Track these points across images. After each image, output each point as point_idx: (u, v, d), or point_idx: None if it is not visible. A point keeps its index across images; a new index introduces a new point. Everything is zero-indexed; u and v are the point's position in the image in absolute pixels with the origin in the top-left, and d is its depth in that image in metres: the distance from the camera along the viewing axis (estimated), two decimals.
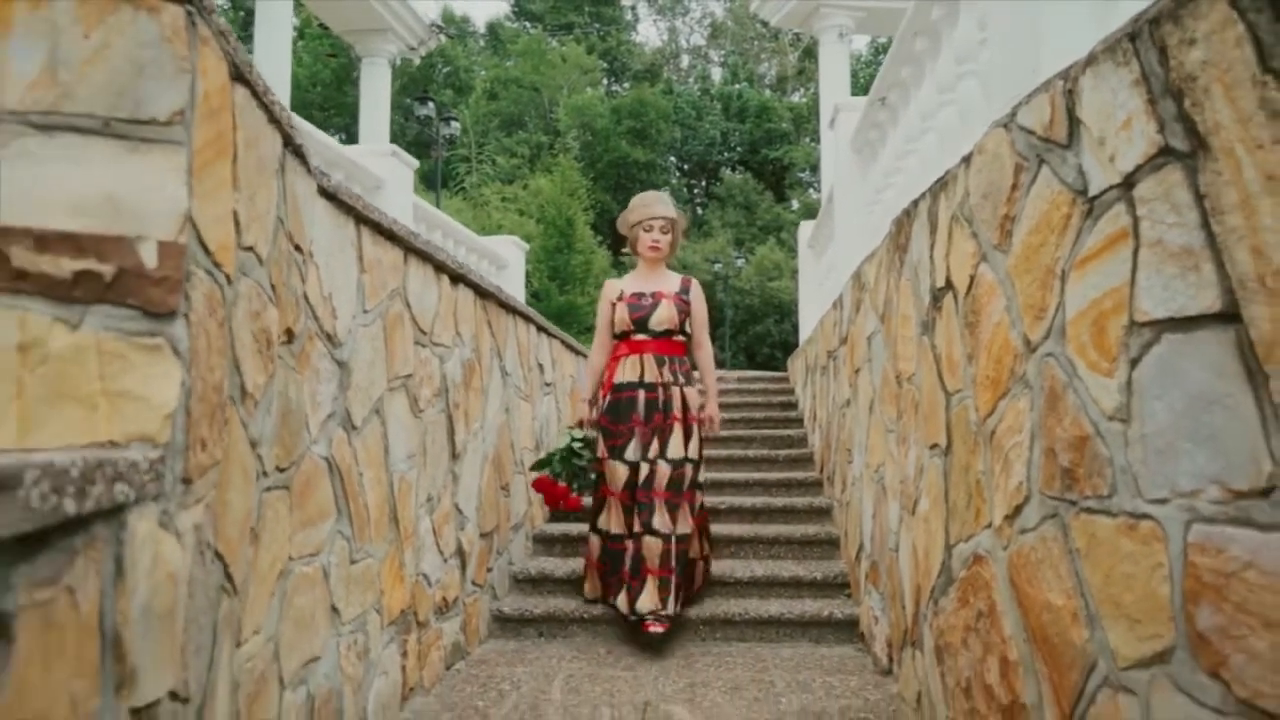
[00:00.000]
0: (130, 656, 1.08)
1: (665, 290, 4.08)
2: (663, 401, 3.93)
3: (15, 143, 1.23)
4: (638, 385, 3.94)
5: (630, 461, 3.88)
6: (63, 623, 0.90)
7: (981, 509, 2.30)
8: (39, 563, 0.84)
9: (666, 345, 4.03)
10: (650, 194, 4.26)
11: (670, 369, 3.99)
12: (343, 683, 2.41)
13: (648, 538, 3.78)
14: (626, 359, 4.01)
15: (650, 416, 3.91)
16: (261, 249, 1.77)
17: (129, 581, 1.08)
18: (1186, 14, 1.48)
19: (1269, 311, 1.31)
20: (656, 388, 3.94)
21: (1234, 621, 1.38)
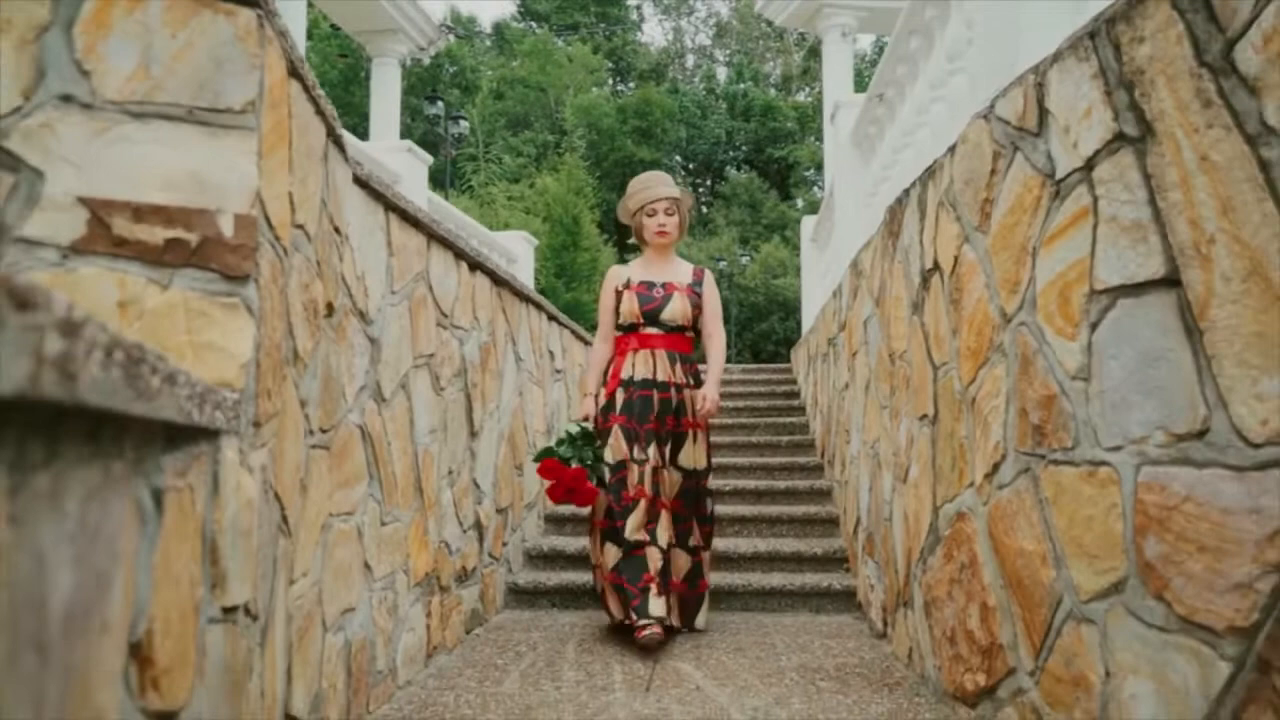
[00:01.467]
0: (222, 561, 1.28)
1: (677, 282, 3.76)
2: (676, 404, 3.63)
3: (115, 128, 1.43)
4: (651, 384, 3.62)
5: (639, 461, 3.56)
6: (186, 513, 1.09)
7: (964, 470, 2.49)
8: (176, 457, 1.03)
9: (679, 342, 3.71)
10: (648, 175, 3.89)
11: (683, 369, 3.70)
12: (375, 634, 2.61)
13: (677, 550, 3.62)
14: (637, 354, 3.66)
15: (664, 419, 3.61)
16: (310, 228, 1.97)
17: (222, 497, 1.28)
18: (1137, 14, 1.67)
19: (1203, 275, 1.51)
20: (670, 388, 3.63)
21: (1175, 549, 1.57)
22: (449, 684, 2.86)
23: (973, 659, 2.41)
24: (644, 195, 3.78)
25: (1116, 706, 1.74)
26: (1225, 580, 1.45)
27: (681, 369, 3.69)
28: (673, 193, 3.78)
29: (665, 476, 3.61)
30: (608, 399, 3.68)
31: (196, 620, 1.14)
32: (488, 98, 32.50)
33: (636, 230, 3.86)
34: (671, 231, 3.79)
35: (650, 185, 3.80)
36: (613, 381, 3.71)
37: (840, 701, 2.67)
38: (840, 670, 3.03)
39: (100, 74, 1.43)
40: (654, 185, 3.80)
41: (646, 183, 3.83)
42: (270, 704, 1.70)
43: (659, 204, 3.75)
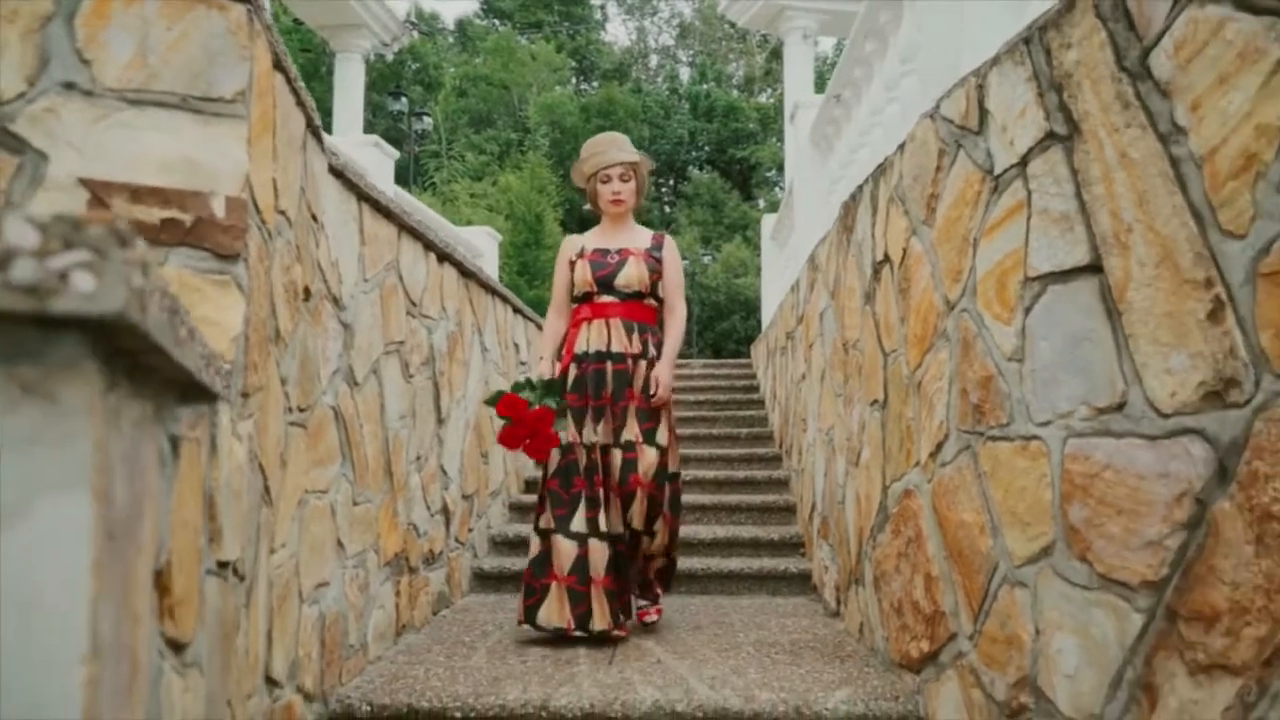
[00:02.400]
0: (218, 517, 1.38)
1: (633, 247, 3.49)
2: (633, 376, 3.36)
3: (114, 114, 1.52)
4: (604, 355, 3.36)
5: (588, 445, 3.33)
6: (193, 464, 1.18)
7: (911, 450, 2.64)
8: (188, 411, 1.13)
9: (636, 310, 3.42)
10: (602, 137, 3.65)
11: (641, 338, 3.40)
12: (347, 609, 2.70)
13: (593, 540, 3.26)
14: (590, 324, 3.42)
15: (620, 393, 3.34)
16: (291, 213, 2.06)
17: (219, 458, 1.38)
18: (1065, 22, 1.82)
19: (1122, 262, 1.65)
20: (625, 359, 3.35)
21: (1096, 514, 1.72)
22: (418, 659, 2.96)
23: (917, 627, 2.55)
24: (597, 160, 3.52)
25: (1045, 661, 1.89)
26: (1139, 539, 1.59)
27: (639, 339, 3.41)
28: (627, 157, 3.53)
29: (620, 456, 3.32)
30: (560, 376, 3.41)
31: (199, 566, 1.24)
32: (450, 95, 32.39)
33: (591, 197, 3.62)
34: (627, 199, 3.54)
35: (603, 149, 3.54)
36: (566, 357, 3.46)
37: (794, 671, 2.80)
38: (794, 645, 3.16)
39: (100, 63, 1.52)
40: (607, 149, 3.54)
41: (599, 146, 3.58)
42: (253, 663, 1.80)
43: (613, 169, 3.51)
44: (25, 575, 0.53)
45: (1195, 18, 1.47)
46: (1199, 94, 1.46)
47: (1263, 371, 1.33)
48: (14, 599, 0.53)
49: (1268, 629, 1.33)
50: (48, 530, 0.54)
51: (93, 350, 0.56)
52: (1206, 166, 1.45)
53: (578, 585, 3.21)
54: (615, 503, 3.34)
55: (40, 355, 0.54)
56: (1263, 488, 1.33)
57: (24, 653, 0.53)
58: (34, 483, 0.54)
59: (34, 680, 0.53)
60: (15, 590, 0.53)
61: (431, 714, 2.50)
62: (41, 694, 0.53)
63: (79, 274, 0.53)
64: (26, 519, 0.53)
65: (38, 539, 0.54)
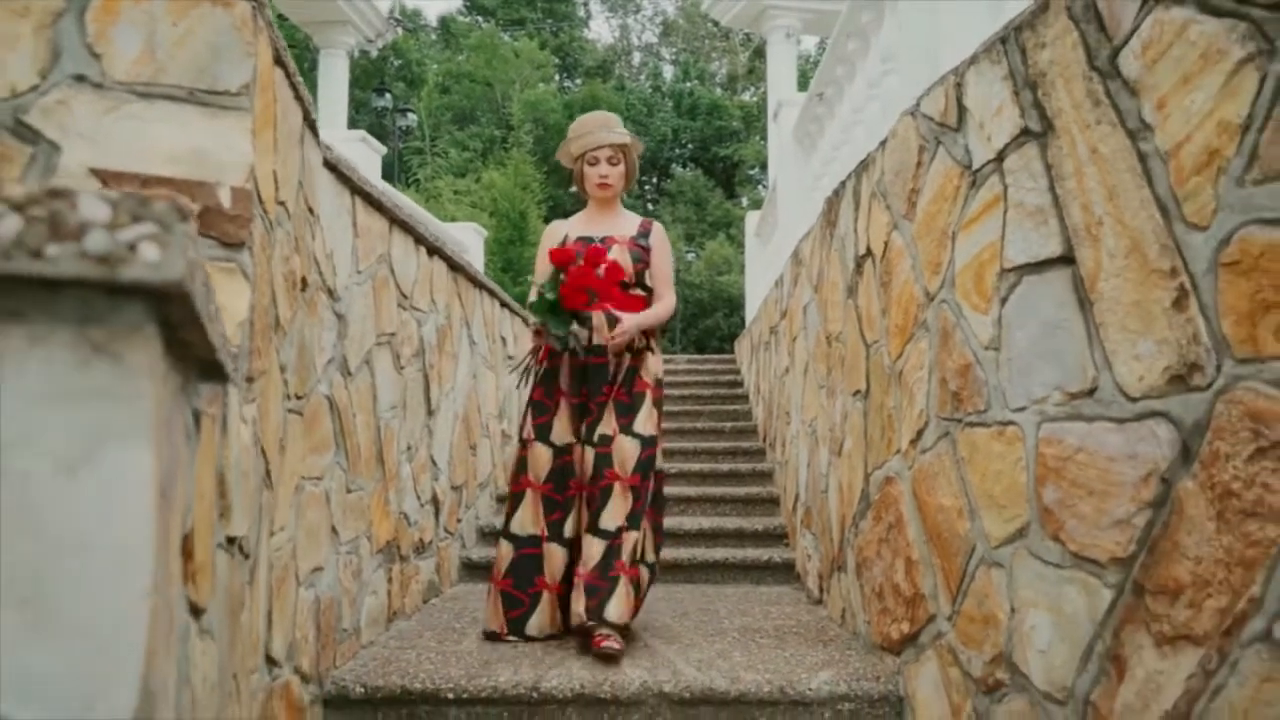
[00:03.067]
0: (228, 494, 1.43)
1: (619, 235, 3.29)
2: (613, 369, 3.18)
3: (124, 107, 1.57)
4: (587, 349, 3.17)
5: (560, 445, 3.17)
6: (210, 440, 1.24)
7: (892, 438, 2.71)
8: (207, 388, 1.19)
9: (621, 300, 3.19)
10: (591, 117, 3.43)
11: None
12: (341, 594, 2.75)
13: (591, 537, 3.05)
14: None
15: (597, 389, 3.16)
16: (290, 205, 2.11)
17: (229, 437, 1.43)
18: (1040, 23, 1.89)
19: (1093, 253, 1.73)
20: (606, 352, 3.17)
21: (1068, 495, 1.79)
22: (410, 644, 3.01)
23: (898, 610, 2.63)
24: (585, 141, 3.31)
25: (1019, 638, 1.96)
26: (1109, 518, 1.67)
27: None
28: (617, 138, 3.32)
29: (601, 450, 3.12)
30: (545, 371, 3.25)
31: (212, 538, 1.29)
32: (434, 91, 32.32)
33: (577, 179, 3.43)
34: (614, 183, 3.33)
35: (591, 130, 3.33)
36: (545, 351, 3.26)
37: (778, 654, 2.87)
38: (778, 630, 3.24)
39: (109, 57, 1.57)
40: (596, 130, 3.33)
41: (588, 126, 3.37)
42: (255, 641, 1.85)
43: (601, 152, 3.31)
44: (95, 514, 0.59)
45: (1161, 19, 1.55)
46: (1164, 92, 1.54)
47: (1223, 356, 1.40)
48: (85, 535, 0.59)
49: (1228, 600, 1.40)
50: (114, 475, 0.60)
51: (153, 315, 0.62)
52: (1172, 162, 1.52)
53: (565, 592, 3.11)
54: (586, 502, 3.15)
55: (108, 318, 0.60)
56: (1223, 466, 1.41)
57: (93, 585, 0.59)
58: (102, 432, 0.59)
59: (103, 610, 0.59)
60: (86, 527, 0.59)
61: (425, 696, 2.55)
62: (110, 622, 0.59)
63: (146, 245, 0.59)
64: (96, 465, 0.59)
65: (106, 483, 0.59)
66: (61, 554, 0.58)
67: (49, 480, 0.58)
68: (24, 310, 0.58)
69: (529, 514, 3.18)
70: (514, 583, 3.13)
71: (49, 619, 0.57)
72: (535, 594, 3.12)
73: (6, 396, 0.57)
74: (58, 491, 0.58)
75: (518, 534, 3.18)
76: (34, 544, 0.57)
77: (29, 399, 0.58)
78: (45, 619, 0.57)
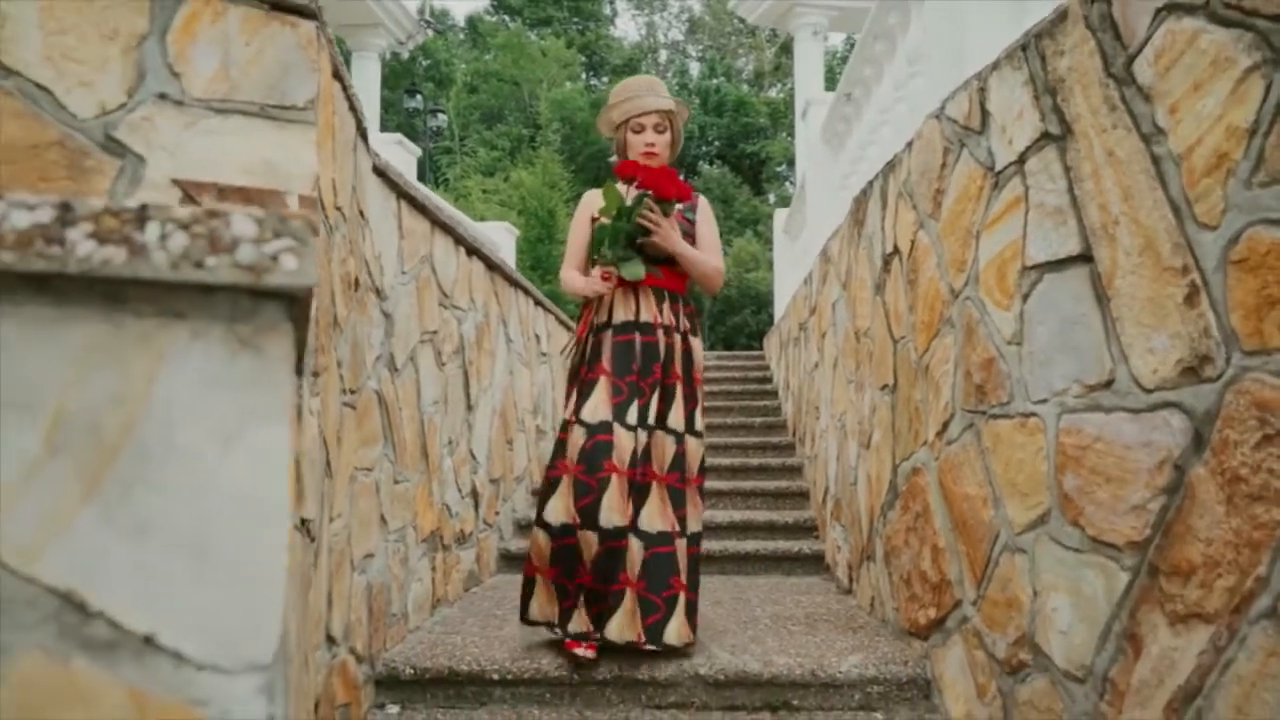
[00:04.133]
0: (302, 479, 1.55)
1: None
2: (664, 349, 2.92)
3: (201, 121, 1.70)
4: (632, 326, 2.91)
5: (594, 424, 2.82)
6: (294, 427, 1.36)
7: (919, 430, 2.80)
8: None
9: (666, 277, 2.97)
10: (636, 81, 3.13)
11: (672, 309, 2.98)
12: (390, 580, 2.88)
13: (631, 538, 2.76)
14: (614, 291, 2.95)
15: (649, 369, 2.88)
16: (345, 210, 2.24)
17: (303, 425, 1.55)
18: (1058, 31, 1.98)
19: (1109, 251, 1.82)
20: (655, 330, 2.91)
21: (1087, 482, 1.88)
22: (454, 629, 3.14)
23: (925, 596, 2.72)
24: (629, 106, 3.03)
25: (1042, 620, 2.05)
26: (1125, 504, 1.76)
27: (671, 308, 2.98)
28: (665, 104, 3.05)
29: (656, 440, 2.88)
30: (578, 347, 3.01)
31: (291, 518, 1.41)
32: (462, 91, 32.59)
33: (619, 148, 3.13)
34: (661, 151, 3.05)
35: (638, 94, 3.05)
36: (582, 326, 3.01)
37: (809, 640, 2.97)
38: (809, 618, 3.34)
39: (188, 75, 1.70)
40: (642, 94, 3.05)
41: (634, 90, 3.08)
42: (318, 619, 1.98)
43: (647, 118, 3.02)
44: (245, 481, 0.71)
45: (1173, 29, 1.63)
46: (1177, 98, 1.63)
47: (1232, 349, 1.49)
48: (237, 498, 0.70)
49: (1236, 580, 1.49)
50: (259, 448, 0.71)
51: (287, 315, 0.73)
52: (1183, 164, 1.61)
53: (599, 585, 2.75)
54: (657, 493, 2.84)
55: (252, 317, 0.71)
56: (1232, 453, 1.50)
57: (244, 540, 0.71)
58: (249, 413, 0.71)
59: (252, 560, 0.71)
60: (238, 491, 0.70)
61: (471, 677, 2.68)
62: (257, 572, 0.71)
63: (285, 256, 0.70)
64: (245, 439, 0.71)
65: (252, 455, 0.71)
66: (219, 513, 0.69)
67: (208, 452, 0.69)
68: (186, 311, 0.70)
69: (562, 501, 2.80)
70: (561, 571, 2.81)
71: (210, 567, 0.69)
72: (579, 587, 2.79)
73: (175, 382, 0.69)
74: (215, 461, 0.70)
75: (550, 523, 2.80)
76: (198, 504, 0.69)
77: (191, 384, 0.69)
78: (207, 567, 0.69)
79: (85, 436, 0.68)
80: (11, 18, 1.58)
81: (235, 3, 1.70)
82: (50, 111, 1.60)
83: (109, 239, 0.67)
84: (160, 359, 0.69)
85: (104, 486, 0.68)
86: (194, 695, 0.68)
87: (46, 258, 0.65)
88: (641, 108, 3.01)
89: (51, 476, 0.67)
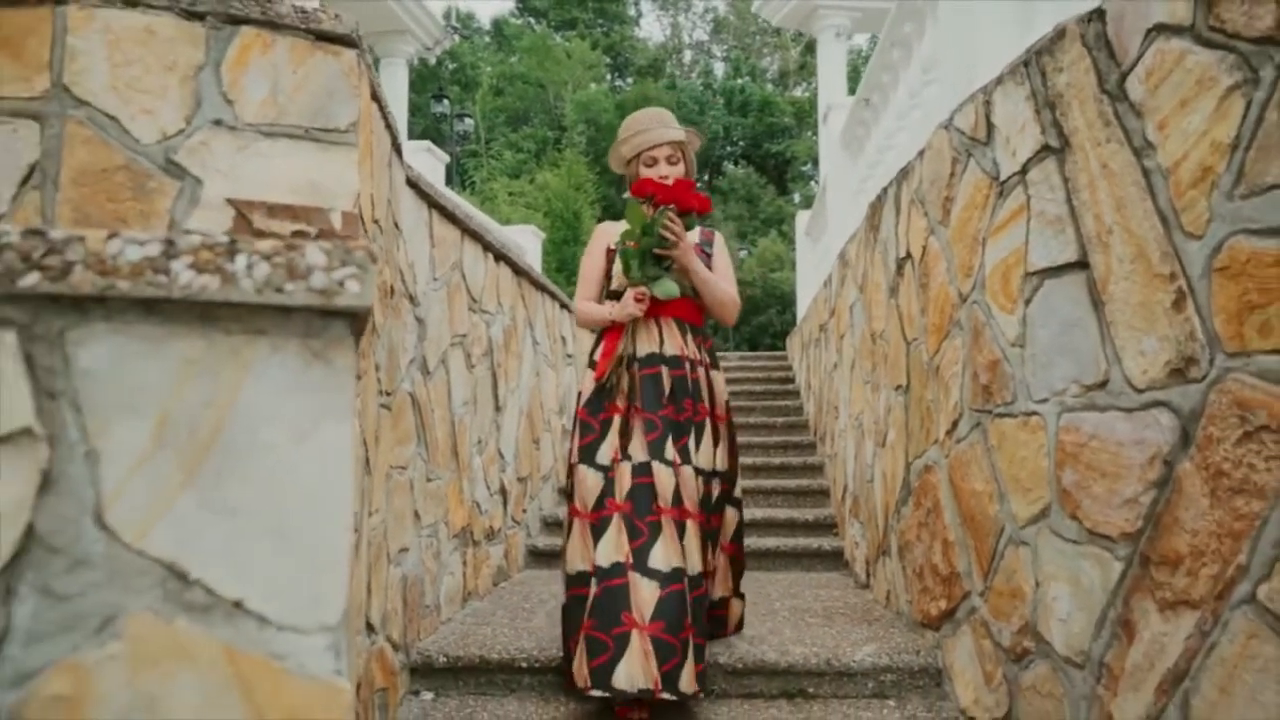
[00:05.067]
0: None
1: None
2: (692, 384, 2.83)
3: (252, 145, 1.83)
4: (658, 359, 2.82)
5: (640, 463, 2.69)
6: None
7: (930, 429, 2.90)
8: None
9: (687, 310, 2.92)
10: (646, 114, 3.06)
11: (695, 342, 2.92)
12: (424, 573, 3.02)
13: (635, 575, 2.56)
14: (638, 323, 2.86)
15: (680, 402, 2.78)
16: (382, 222, 2.37)
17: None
18: (1057, 49, 2.08)
19: (1104, 259, 1.92)
20: (683, 363, 2.83)
21: (1084, 477, 1.98)
22: (484, 621, 3.28)
23: (936, 588, 2.82)
24: (640, 140, 2.97)
25: (1043, 608, 2.15)
26: (1119, 498, 1.86)
27: (694, 341, 2.92)
28: (675, 135, 2.98)
29: (685, 475, 2.71)
30: (597, 381, 2.85)
31: None
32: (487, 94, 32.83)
33: (631, 181, 3.04)
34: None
35: (648, 127, 2.99)
36: (604, 361, 2.87)
37: (825, 631, 3.08)
38: (826, 610, 3.44)
39: (240, 102, 1.83)
40: (652, 128, 2.99)
41: (643, 124, 3.02)
42: (359, 607, 2.11)
43: (659, 150, 2.96)
44: (317, 472, 0.83)
45: (1163, 49, 1.73)
46: (1165, 114, 1.73)
47: (1216, 351, 1.59)
48: (310, 487, 0.83)
49: (1219, 568, 1.59)
50: (328, 445, 0.84)
51: (351, 330, 0.86)
52: (1171, 177, 1.71)
53: (664, 634, 2.49)
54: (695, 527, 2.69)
55: (322, 333, 0.84)
56: (1215, 449, 1.60)
57: (316, 521, 0.83)
58: (320, 414, 0.84)
59: (323, 539, 0.83)
60: (311, 481, 0.83)
61: (501, 665, 2.81)
62: (325, 549, 0.84)
63: (350, 281, 0.83)
64: (316, 437, 0.83)
65: (322, 450, 0.84)
66: (294, 499, 0.82)
67: (287, 447, 0.82)
68: (267, 328, 0.82)
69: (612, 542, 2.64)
70: (597, 624, 2.56)
71: (287, 544, 0.82)
72: (622, 635, 2.51)
73: (257, 389, 0.82)
74: (291, 455, 0.82)
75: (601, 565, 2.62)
76: (276, 491, 0.82)
77: (271, 390, 0.82)
78: (284, 544, 0.82)
79: (184, 434, 0.81)
80: (82, 53, 1.72)
81: (283, 34, 1.84)
82: (117, 138, 1.75)
83: (205, 269, 0.80)
84: (246, 369, 0.82)
85: (200, 475, 0.81)
86: (275, 650, 0.80)
87: (154, 285, 0.78)
88: (651, 141, 2.96)
89: (157, 467, 0.80)
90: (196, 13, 1.79)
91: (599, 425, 2.80)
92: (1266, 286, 1.50)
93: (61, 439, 0.78)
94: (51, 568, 0.77)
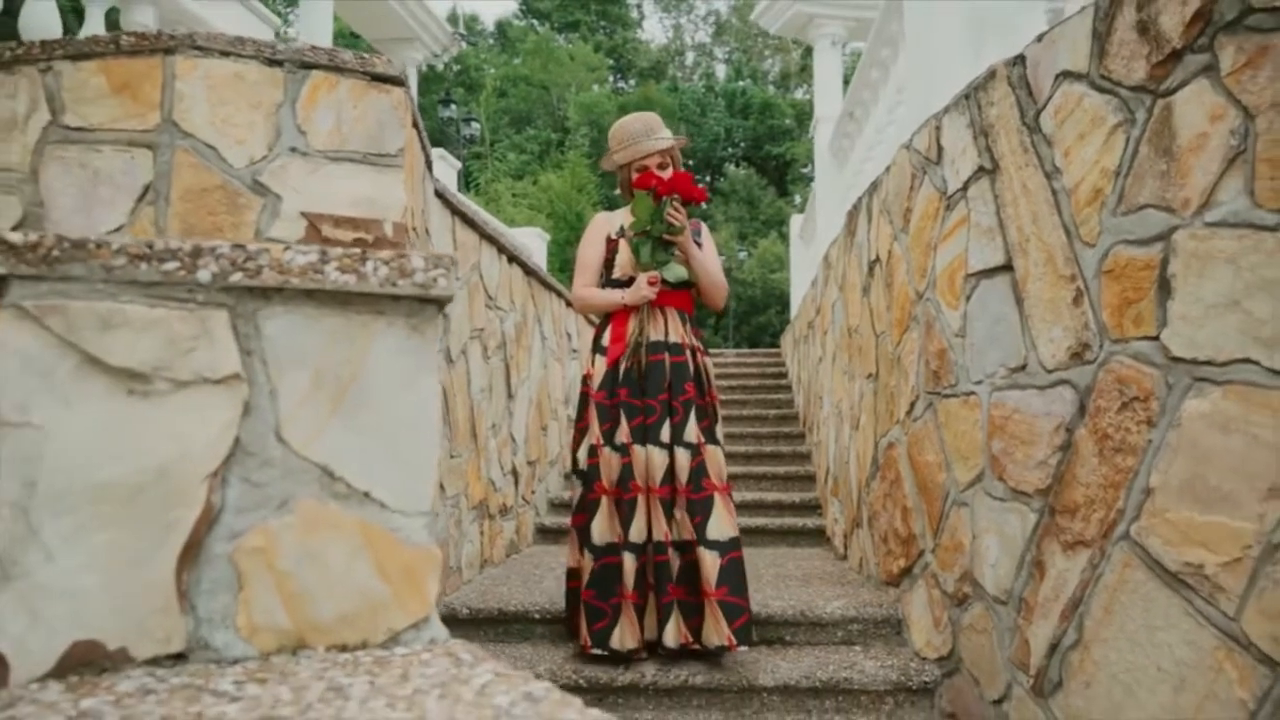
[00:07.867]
0: None
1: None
2: (694, 370, 3.05)
3: (321, 169, 2.23)
4: (662, 346, 3.03)
5: (664, 444, 2.94)
6: None
7: (894, 411, 3.30)
8: None
9: (684, 300, 3.15)
10: (633, 122, 3.22)
11: (692, 330, 3.14)
12: (448, 538, 3.42)
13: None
14: (643, 308, 3.06)
15: (680, 388, 2.99)
16: (419, 230, 2.77)
17: None
18: (990, 86, 2.48)
19: (1024, 263, 2.31)
20: (683, 350, 3.04)
21: (1008, 445, 2.38)
22: (500, 583, 3.68)
23: (897, 549, 3.22)
24: (631, 152, 3.15)
25: (978, 558, 2.55)
26: (1033, 460, 2.25)
27: (691, 329, 3.13)
28: (662, 144, 3.16)
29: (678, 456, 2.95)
30: (609, 368, 3.04)
31: None
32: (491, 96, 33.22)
33: (623, 184, 3.25)
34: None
35: (637, 139, 3.16)
36: (617, 344, 3.06)
37: (803, 591, 3.48)
38: (805, 576, 3.84)
39: (311, 133, 2.23)
40: (641, 139, 3.16)
41: (633, 135, 3.18)
42: None
43: (649, 159, 3.15)
44: (417, 411, 1.23)
45: (1067, 91, 2.13)
46: (1069, 145, 2.12)
47: (1104, 338, 1.98)
48: (412, 422, 1.23)
49: (1104, 512, 1.99)
50: (423, 391, 1.24)
51: (438, 313, 1.26)
52: (1072, 196, 2.11)
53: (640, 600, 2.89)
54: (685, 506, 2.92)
55: (419, 314, 1.24)
56: (1102, 417, 1.99)
57: (415, 446, 1.23)
58: (417, 370, 1.23)
59: (419, 459, 1.23)
60: (413, 417, 1.23)
61: (517, 616, 3.21)
62: (421, 461, 1.23)
63: (441, 277, 1.23)
64: (416, 387, 1.23)
65: (420, 395, 1.23)
66: (401, 427, 1.22)
67: (397, 391, 1.22)
68: (385, 310, 1.22)
69: (606, 522, 2.92)
70: (596, 594, 2.88)
71: (397, 456, 1.22)
72: (616, 605, 2.86)
73: (378, 351, 1.22)
74: (400, 397, 1.22)
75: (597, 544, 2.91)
76: (391, 421, 1.22)
77: (387, 353, 1.22)
78: (395, 456, 1.22)
79: (331, 381, 1.21)
80: (187, 94, 2.12)
81: (346, 76, 2.24)
82: (214, 163, 2.15)
83: (346, 270, 1.20)
84: (371, 338, 1.22)
85: (341, 408, 1.21)
86: (391, 526, 1.20)
87: (314, 280, 1.18)
88: (642, 152, 3.13)
89: (315, 402, 1.20)
90: (277, 60, 2.19)
91: (614, 408, 3.00)
92: (1139, 286, 1.90)
93: (255, 381, 1.18)
94: (249, 465, 1.17)
